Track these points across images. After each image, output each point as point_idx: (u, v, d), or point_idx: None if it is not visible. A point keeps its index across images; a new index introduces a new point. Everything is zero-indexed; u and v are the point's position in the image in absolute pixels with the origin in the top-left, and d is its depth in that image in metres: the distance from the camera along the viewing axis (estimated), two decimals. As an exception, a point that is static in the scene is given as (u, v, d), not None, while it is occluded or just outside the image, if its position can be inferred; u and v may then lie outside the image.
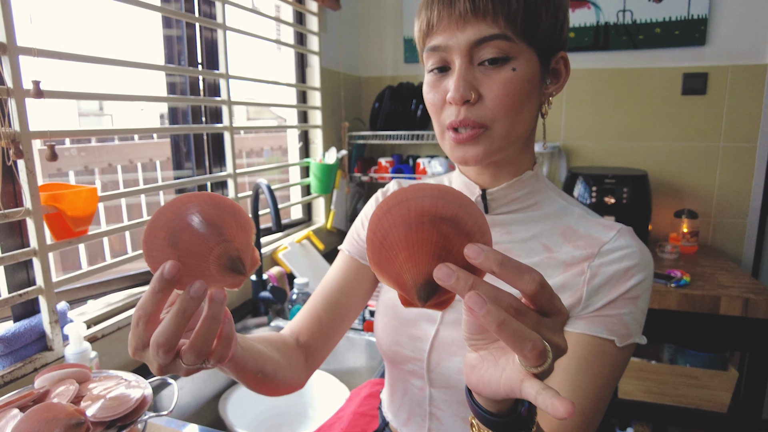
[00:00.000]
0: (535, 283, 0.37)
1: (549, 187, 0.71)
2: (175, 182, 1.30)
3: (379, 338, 0.77)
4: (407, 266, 0.39)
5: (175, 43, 1.41)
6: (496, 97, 0.59)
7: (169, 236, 0.42)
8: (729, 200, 2.13)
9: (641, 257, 0.63)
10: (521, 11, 0.58)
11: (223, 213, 0.44)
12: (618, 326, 0.62)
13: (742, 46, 2.01)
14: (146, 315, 0.42)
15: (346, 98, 2.27)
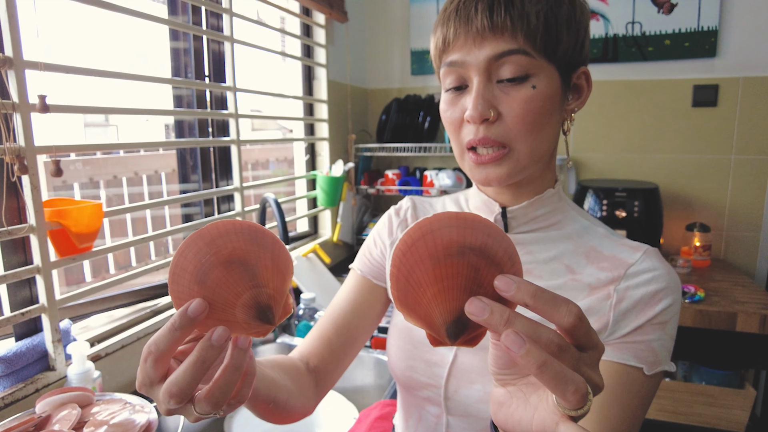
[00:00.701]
0: (572, 315, 0.35)
1: (570, 206, 0.69)
2: (181, 197, 1.28)
3: (393, 363, 0.74)
4: (436, 303, 0.37)
5: (182, 55, 1.40)
6: (517, 116, 0.57)
7: (198, 271, 0.38)
8: (741, 213, 2.10)
9: (669, 280, 0.61)
10: (541, 27, 0.56)
11: (261, 252, 0.40)
12: (646, 353, 0.59)
13: (754, 57, 1.99)
14: (158, 352, 0.38)
15: (352, 110, 2.26)
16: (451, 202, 0.77)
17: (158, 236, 1.20)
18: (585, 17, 0.62)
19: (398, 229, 0.78)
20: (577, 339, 0.36)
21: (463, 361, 0.67)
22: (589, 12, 0.63)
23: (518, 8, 0.56)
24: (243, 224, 0.40)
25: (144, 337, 1.14)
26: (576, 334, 0.35)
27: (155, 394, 0.40)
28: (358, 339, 0.75)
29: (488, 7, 0.56)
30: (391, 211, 0.81)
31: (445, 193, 2.15)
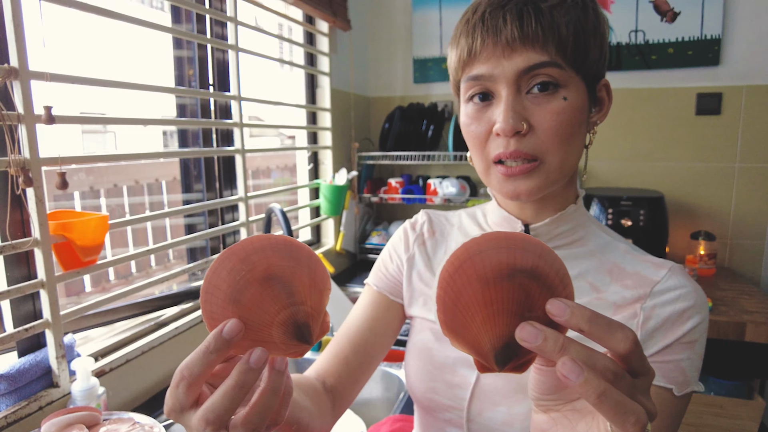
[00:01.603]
0: (629, 341, 0.33)
1: (591, 221, 0.67)
2: (186, 207, 1.26)
3: (412, 384, 0.71)
4: (485, 329, 0.35)
5: (186, 64, 1.39)
6: (550, 128, 0.55)
7: (233, 291, 0.36)
8: (746, 222, 2.09)
9: (697, 298, 0.59)
10: (571, 38, 0.55)
11: (297, 267, 0.38)
12: (676, 373, 0.57)
13: (757, 65, 1.99)
14: (191, 377, 0.36)
15: (354, 118, 2.25)
16: (468, 217, 0.76)
17: (162, 248, 1.18)
18: (606, 28, 0.61)
19: (414, 244, 0.76)
20: (631, 365, 0.34)
21: (486, 382, 0.65)
22: (608, 24, 0.62)
23: (548, 18, 0.54)
24: (278, 239, 0.38)
25: (149, 351, 1.12)
26: (631, 361, 0.34)
27: (186, 420, 0.38)
28: (374, 357, 0.74)
29: (518, 17, 0.54)
30: (406, 225, 0.79)
31: (448, 201, 2.14)
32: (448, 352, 0.68)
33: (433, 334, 0.70)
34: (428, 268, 0.74)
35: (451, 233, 0.76)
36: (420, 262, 0.75)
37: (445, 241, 0.75)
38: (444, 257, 0.74)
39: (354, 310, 0.78)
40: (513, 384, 0.63)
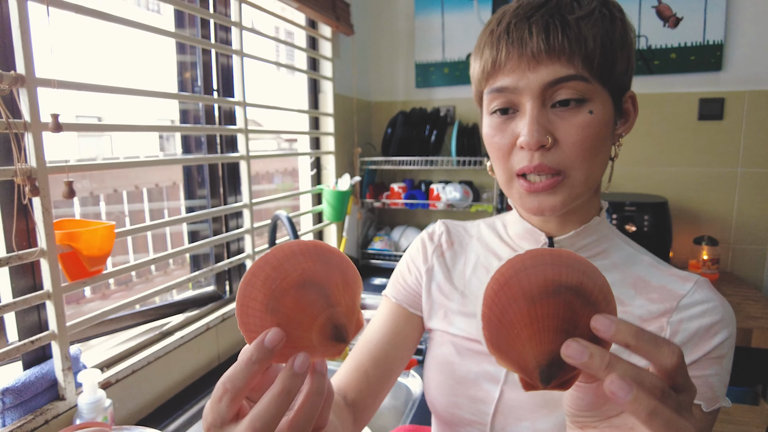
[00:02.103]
0: (675, 356, 0.34)
1: (615, 233, 0.67)
2: (192, 215, 1.24)
3: (433, 398, 0.70)
4: (530, 346, 0.35)
5: (189, 69, 1.37)
6: (575, 142, 0.55)
7: (269, 300, 0.37)
8: (748, 226, 2.09)
9: (724, 312, 0.58)
10: (598, 51, 0.54)
11: (330, 270, 0.38)
12: (704, 389, 0.56)
13: (759, 71, 2.00)
14: (234, 390, 0.36)
15: (357, 123, 2.24)
16: (487, 227, 0.75)
17: (170, 255, 1.16)
18: (634, 38, 0.60)
19: (433, 255, 0.75)
20: (675, 381, 0.34)
21: (510, 397, 0.64)
22: (635, 34, 0.61)
23: (575, 31, 0.53)
24: (308, 244, 0.39)
25: (155, 361, 1.10)
26: (676, 377, 0.34)
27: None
28: (394, 371, 0.72)
29: (544, 29, 0.53)
30: (423, 236, 0.78)
31: (451, 206, 2.13)
32: (470, 367, 0.67)
33: (455, 347, 0.69)
34: (448, 280, 0.73)
35: (470, 244, 0.75)
36: (439, 274, 0.74)
37: (464, 253, 0.74)
38: (464, 268, 0.73)
39: (373, 322, 0.76)
40: (537, 399, 0.62)
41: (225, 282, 1.45)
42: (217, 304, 1.38)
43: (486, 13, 2.23)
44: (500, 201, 2.11)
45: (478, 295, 0.67)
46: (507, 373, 0.65)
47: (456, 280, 0.72)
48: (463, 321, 0.69)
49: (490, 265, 0.71)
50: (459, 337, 0.69)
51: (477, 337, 0.67)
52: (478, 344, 0.67)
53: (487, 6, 2.22)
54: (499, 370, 0.65)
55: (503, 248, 0.70)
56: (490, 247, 0.72)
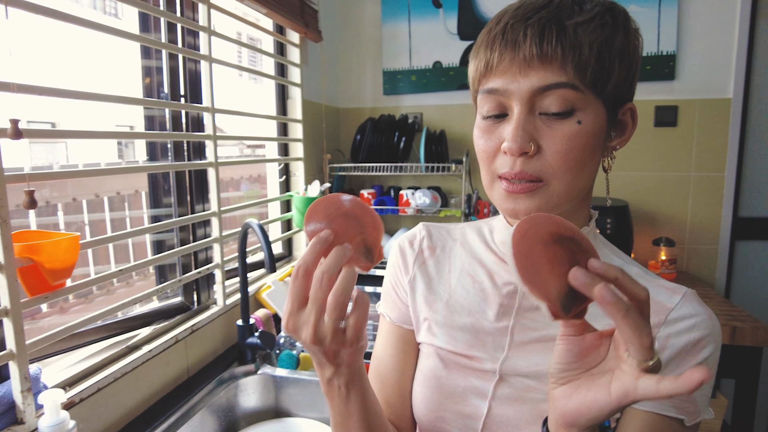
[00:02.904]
0: (645, 292, 0.42)
1: (604, 244, 0.67)
2: (158, 224, 1.20)
3: (419, 411, 0.69)
4: (552, 279, 0.44)
5: (155, 74, 1.33)
6: (558, 152, 0.54)
7: (326, 218, 0.53)
8: (701, 227, 2.20)
9: (711, 327, 0.58)
10: (593, 60, 0.53)
11: (365, 212, 0.55)
12: (687, 404, 0.56)
13: (708, 80, 2.10)
14: (306, 265, 0.50)
15: (326, 130, 2.22)
16: (472, 232, 0.74)
17: (140, 266, 1.12)
18: (638, 50, 0.59)
19: (415, 264, 0.73)
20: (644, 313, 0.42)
21: (498, 413, 0.63)
22: (641, 41, 0.59)
23: (571, 37, 0.52)
24: (351, 197, 0.55)
25: (121, 378, 1.05)
26: (644, 309, 0.42)
27: (302, 316, 0.51)
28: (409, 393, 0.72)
29: (538, 34, 0.53)
30: (403, 243, 0.76)
31: (420, 212, 2.14)
32: (458, 381, 0.66)
33: (441, 360, 0.68)
34: (430, 289, 0.71)
35: (453, 249, 0.73)
36: (421, 284, 0.72)
37: (448, 259, 0.72)
38: (449, 276, 0.71)
39: (378, 346, 0.75)
40: (525, 415, 0.62)
41: (193, 293, 1.41)
42: (185, 315, 1.34)
43: (452, 22, 2.26)
44: (468, 206, 2.14)
45: (464, 304, 0.67)
46: (495, 388, 0.64)
47: (440, 288, 0.71)
48: (448, 333, 0.67)
49: (476, 274, 0.69)
50: (444, 350, 0.67)
51: (463, 350, 0.66)
52: (465, 358, 0.66)
53: (453, 15, 2.26)
54: (487, 385, 0.64)
55: (489, 256, 0.69)
56: (476, 253, 0.71)
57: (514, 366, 0.63)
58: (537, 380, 0.62)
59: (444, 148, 2.19)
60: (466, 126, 2.32)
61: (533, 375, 0.62)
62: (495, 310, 0.65)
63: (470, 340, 0.66)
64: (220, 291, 1.44)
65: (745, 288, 2.34)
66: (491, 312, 0.65)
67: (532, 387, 0.62)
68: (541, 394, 0.62)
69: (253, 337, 1.39)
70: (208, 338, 1.36)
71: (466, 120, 2.32)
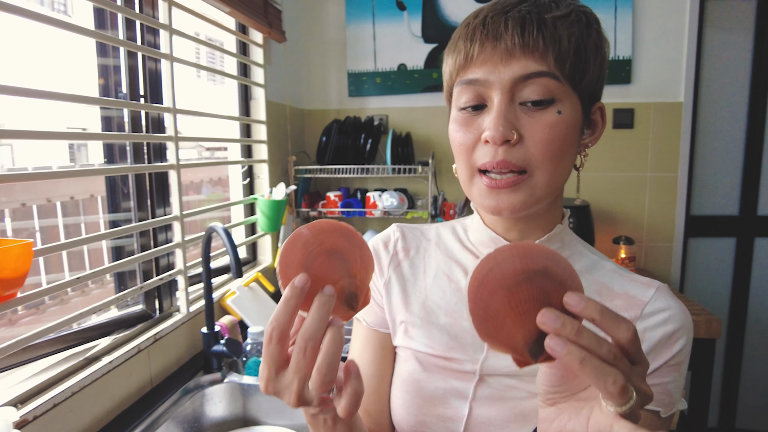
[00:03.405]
0: (630, 332, 0.38)
1: (577, 241, 0.67)
2: (117, 230, 1.15)
3: (399, 417, 0.67)
4: (516, 328, 0.40)
5: (112, 73, 1.28)
6: (540, 141, 0.54)
7: (305, 259, 0.46)
8: (657, 226, 2.28)
9: (684, 319, 0.59)
10: (572, 52, 0.54)
11: (353, 247, 0.47)
12: (663, 396, 0.58)
13: (662, 85, 2.19)
14: (280, 326, 0.44)
15: (290, 131, 2.19)
16: (447, 232, 0.73)
17: (97, 274, 1.07)
18: (608, 51, 0.60)
19: (390, 267, 0.72)
20: (630, 354, 0.39)
21: (479, 414, 0.63)
22: (609, 47, 0.61)
23: (551, 29, 0.53)
24: (340, 224, 0.48)
25: (80, 392, 1.00)
26: (630, 350, 0.39)
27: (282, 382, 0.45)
28: (388, 400, 0.70)
29: (519, 24, 0.53)
30: (377, 245, 0.74)
31: (388, 213, 2.14)
32: (437, 383, 0.65)
33: (419, 363, 0.67)
34: (405, 291, 0.70)
35: (428, 249, 0.72)
36: (397, 287, 0.71)
37: (422, 260, 0.71)
38: (424, 277, 0.70)
39: (354, 352, 0.73)
40: (506, 414, 0.62)
41: (155, 300, 1.36)
42: (147, 324, 1.29)
43: (416, 24, 2.27)
44: (434, 207, 2.15)
45: (441, 305, 0.66)
46: (475, 389, 0.63)
47: (416, 290, 0.70)
48: (425, 335, 0.66)
49: (452, 273, 0.68)
50: (423, 353, 0.66)
51: (441, 352, 0.65)
52: (444, 360, 0.65)
53: (417, 18, 2.27)
54: (467, 387, 0.64)
55: (465, 255, 0.69)
56: (452, 253, 0.70)
57: (494, 366, 0.62)
58: (517, 379, 0.62)
59: (410, 150, 2.19)
60: (432, 128, 2.34)
61: (513, 374, 0.62)
62: None
63: (448, 341, 0.65)
64: (183, 298, 1.39)
65: (698, 283, 2.45)
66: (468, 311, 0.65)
67: (512, 386, 0.62)
68: (521, 393, 0.62)
69: (219, 344, 1.35)
70: (171, 347, 1.31)
71: (431, 122, 2.33)
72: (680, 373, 0.59)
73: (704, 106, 2.31)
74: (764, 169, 2.35)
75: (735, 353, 2.48)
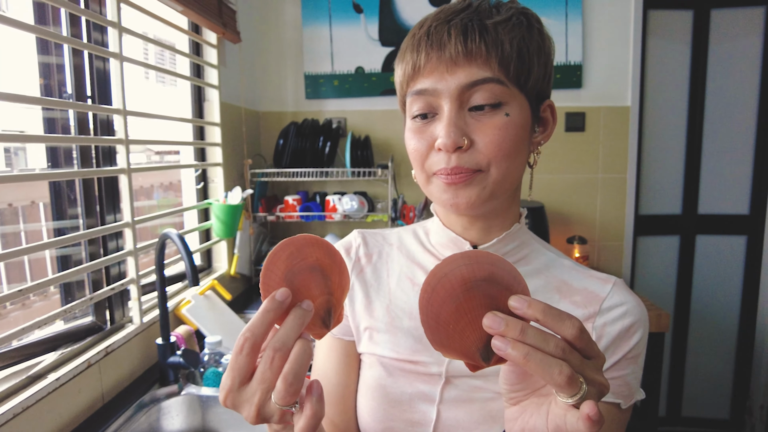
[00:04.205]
0: (575, 328, 0.40)
1: (535, 239, 0.68)
2: (63, 238, 1.08)
3: (365, 424, 0.67)
4: (466, 335, 0.42)
5: (55, 72, 1.20)
6: (491, 142, 0.56)
7: (287, 272, 0.45)
8: (608, 225, 2.37)
9: (640, 313, 0.61)
10: (515, 56, 0.56)
11: (334, 266, 0.47)
12: (622, 388, 0.59)
13: (610, 89, 2.29)
14: (254, 337, 0.43)
15: (246, 134, 2.14)
16: (408, 235, 0.73)
17: (39, 286, 1.00)
18: (552, 50, 0.62)
19: (352, 273, 0.71)
20: (580, 349, 0.40)
21: (447, 417, 0.63)
22: (554, 45, 0.63)
23: (492, 35, 0.55)
24: (321, 240, 0.48)
25: (23, 413, 0.93)
26: (579, 345, 0.40)
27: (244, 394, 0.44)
28: (353, 409, 0.69)
29: (462, 33, 0.55)
30: (339, 250, 0.74)
31: (348, 217, 2.12)
32: (403, 388, 0.64)
33: (384, 368, 0.66)
34: (369, 297, 0.70)
35: (390, 254, 0.72)
36: (360, 293, 0.70)
37: (385, 264, 0.71)
38: (388, 281, 0.70)
39: (318, 361, 0.72)
40: (475, 416, 0.62)
41: (105, 311, 1.29)
42: (97, 336, 1.22)
43: (373, 28, 2.27)
44: (394, 210, 2.16)
45: (405, 308, 0.66)
46: (442, 392, 0.63)
47: (380, 295, 0.69)
48: (390, 340, 0.66)
49: (415, 277, 0.68)
50: (388, 358, 0.66)
51: (406, 356, 0.65)
52: (409, 364, 0.65)
53: (374, 21, 2.27)
54: (433, 390, 0.64)
55: (427, 257, 0.69)
56: (414, 256, 0.70)
57: (460, 367, 0.63)
58: (483, 379, 0.62)
59: (369, 153, 2.19)
60: (390, 131, 2.34)
61: (479, 374, 0.62)
62: None
63: (413, 344, 0.65)
64: (136, 308, 1.33)
65: (647, 279, 2.56)
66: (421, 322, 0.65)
67: (478, 387, 0.62)
68: (488, 393, 0.62)
69: (175, 355, 1.30)
70: (124, 360, 1.25)
71: (389, 125, 2.34)
72: (638, 365, 0.61)
73: (649, 111, 2.42)
74: (703, 170, 2.49)
75: (680, 345, 2.61)
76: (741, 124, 2.45)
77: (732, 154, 2.47)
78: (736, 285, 2.55)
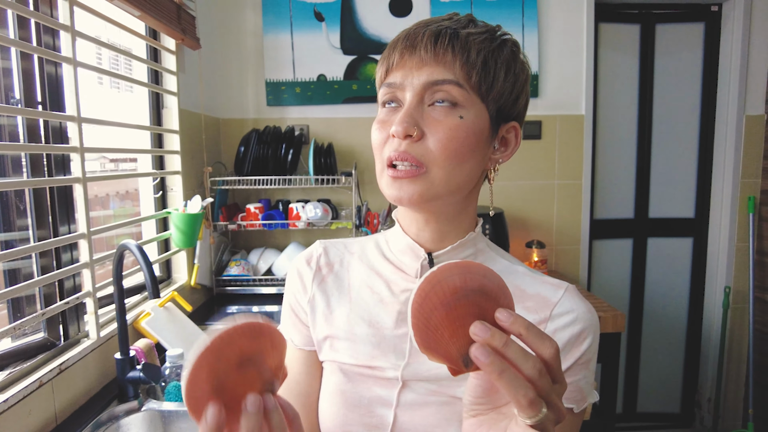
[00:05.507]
0: (553, 348, 0.41)
1: (490, 247, 0.70)
2: (11, 251, 1.03)
3: (327, 429, 0.67)
4: (452, 341, 0.44)
5: (1, 76, 1.15)
6: (439, 140, 0.58)
7: (215, 385, 0.41)
8: (565, 230, 2.45)
9: (591, 318, 0.63)
10: (479, 64, 0.58)
11: (261, 342, 0.44)
12: (575, 393, 0.61)
13: (565, 99, 2.37)
14: None
15: (206, 141, 2.10)
16: (370, 245, 0.74)
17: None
18: (524, 74, 0.64)
19: (313, 283, 0.72)
20: (552, 370, 0.42)
21: (404, 420, 0.64)
22: (529, 74, 0.65)
23: (462, 42, 0.59)
24: (243, 326, 0.42)
25: (-31, 437, 0.88)
26: (551, 367, 0.42)
27: None
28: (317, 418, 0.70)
29: (434, 36, 0.59)
30: (299, 263, 0.74)
31: (312, 225, 2.11)
32: (362, 392, 0.66)
33: (344, 374, 0.67)
34: (330, 306, 0.71)
35: (351, 263, 0.73)
36: (321, 303, 0.71)
37: (347, 273, 0.73)
38: (348, 290, 0.71)
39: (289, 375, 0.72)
40: (431, 419, 0.63)
41: (59, 326, 1.23)
42: (50, 353, 1.16)
43: (334, 36, 2.28)
44: (358, 218, 2.16)
45: (364, 316, 0.67)
46: (399, 396, 0.64)
47: (340, 303, 0.71)
48: (350, 347, 0.67)
49: (374, 285, 0.70)
50: (347, 364, 0.67)
51: (365, 361, 0.66)
52: (367, 369, 0.66)
53: (336, 29, 2.28)
54: (390, 394, 0.65)
55: (386, 266, 0.70)
56: (373, 265, 0.71)
57: (416, 371, 0.64)
58: (438, 384, 0.64)
59: (332, 160, 2.18)
60: (353, 139, 2.34)
61: (434, 378, 0.63)
62: (394, 317, 0.66)
63: (371, 350, 0.66)
64: (92, 322, 1.27)
65: (603, 281, 2.66)
66: (390, 319, 0.66)
67: (434, 391, 0.64)
68: (444, 397, 0.63)
69: (135, 370, 1.25)
70: (80, 377, 1.20)
71: (352, 133, 2.34)
72: (589, 370, 0.63)
73: (602, 119, 2.52)
74: (653, 175, 2.61)
75: (635, 344, 2.72)
76: (685, 132, 2.59)
77: (678, 160, 2.60)
78: (684, 285, 2.68)
